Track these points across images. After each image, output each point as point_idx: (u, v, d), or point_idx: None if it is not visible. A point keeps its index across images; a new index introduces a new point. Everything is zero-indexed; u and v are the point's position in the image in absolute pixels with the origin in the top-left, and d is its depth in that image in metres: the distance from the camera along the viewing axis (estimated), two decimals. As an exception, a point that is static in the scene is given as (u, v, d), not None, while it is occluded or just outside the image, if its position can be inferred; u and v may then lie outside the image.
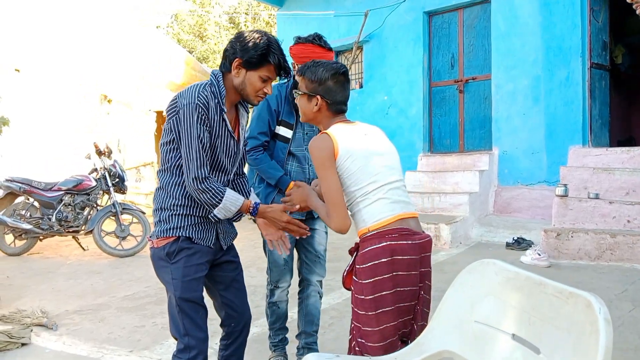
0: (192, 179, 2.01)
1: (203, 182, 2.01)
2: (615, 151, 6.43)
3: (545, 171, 6.98)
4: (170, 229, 2.10)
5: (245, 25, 23.13)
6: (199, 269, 2.13)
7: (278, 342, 3.08)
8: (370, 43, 9.03)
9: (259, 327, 3.84)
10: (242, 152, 2.31)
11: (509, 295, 1.34)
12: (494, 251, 6.09)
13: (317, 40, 2.80)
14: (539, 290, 1.23)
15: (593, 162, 6.43)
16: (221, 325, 2.36)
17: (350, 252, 1.92)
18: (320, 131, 2.06)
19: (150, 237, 2.18)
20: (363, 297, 1.76)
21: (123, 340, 3.67)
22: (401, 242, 1.77)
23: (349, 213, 1.91)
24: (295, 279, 3.14)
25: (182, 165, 2.09)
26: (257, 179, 2.94)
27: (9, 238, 6.76)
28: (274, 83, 2.45)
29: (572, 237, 5.45)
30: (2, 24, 8.08)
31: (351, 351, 1.84)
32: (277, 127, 2.88)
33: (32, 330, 3.78)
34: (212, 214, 2.07)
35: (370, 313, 1.74)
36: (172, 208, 2.12)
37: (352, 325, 1.83)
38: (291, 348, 3.20)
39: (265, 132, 2.86)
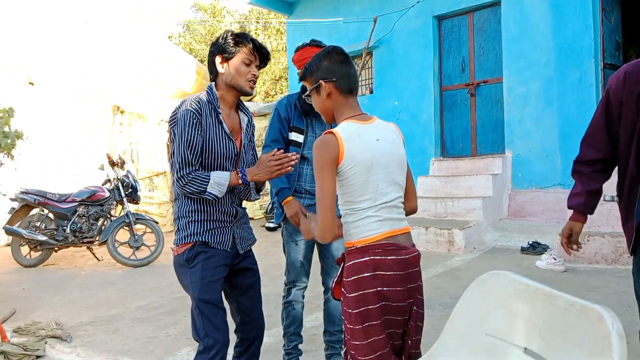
0: (177, 179, 2.14)
1: (185, 178, 2.11)
2: (631, 152, 6.33)
3: (559, 174, 6.89)
4: (187, 235, 2.20)
5: (255, 33, 23.24)
6: (216, 272, 2.20)
7: (291, 350, 3.07)
8: (380, 48, 9.01)
9: (271, 337, 3.82)
10: (247, 157, 2.36)
11: (520, 308, 1.31)
12: (508, 256, 6.02)
13: (313, 42, 3.01)
14: (549, 302, 1.20)
15: (608, 164, 6.33)
16: (235, 331, 2.39)
17: (338, 262, 1.89)
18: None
19: (172, 246, 2.29)
20: (350, 310, 1.74)
21: (137, 352, 3.67)
22: (385, 257, 1.74)
23: None
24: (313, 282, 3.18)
25: None
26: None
27: (25, 250, 6.84)
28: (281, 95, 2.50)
29: (588, 240, 5.36)
30: (13, 35, 8.20)
31: None
32: (290, 133, 2.99)
33: (46, 342, 3.80)
34: (208, 194, 2.14)
35: (357, 327, 1.72)
36: (187, 215, 2.21)
37: (345, 338, 1.80)
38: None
39: (277, 140, 2.97)
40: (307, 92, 1.98)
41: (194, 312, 2.20)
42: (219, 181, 2.13)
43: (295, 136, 2.98)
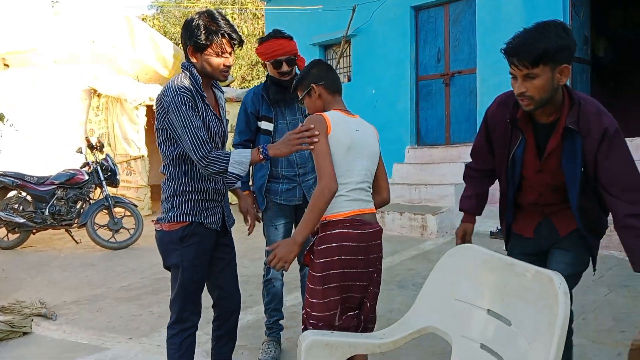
0: (198, 159, 2.12)
1: (208, 157, 2.12)
2: (595, 143, 6.64)
3: (528, 163, 7.18)
4: (183, 214, 2.25)
5: (232, 17, 23.04)
6: (206, 253, 2.32)
7: (272, 325, 3.24)
8: (358, 37, 9.15)
9: (253, 315, 3.99)
10: (226, 131, 2.47)
11: (485, 276, 1.50)
12: (478, 240, 6.24)
13: (278, 34, 3.11)
14: (509, 270, 1.39)
15: (574, 154, 6.63)
16: (213, 306, 2.51)
17: (312, 234, 2.13)
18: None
19: (159, 220, 2.32)
20: (314, 273, 2.05)
21: (122, 328, 3.80)
22: (351, 230, 2.04)
23: None
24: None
25: (184, 155, 2.23)
26: (254, 167, 3.21)
27: (2, 232, 6.83)
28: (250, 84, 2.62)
29: (553, 226, 5.65)
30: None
31: (303, 321, 2.11)
32: (260, 122, 3.15)
33: (32, 320, 3.89)
34: (230, 174, 2.14)
35: (317, 288, 2.03)
36: (184, 194, 2.27)
37: (305, 297, 2.11)
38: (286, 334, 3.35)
39: (243, 131, 3.18)
40: (300, 98, 2.28)
41: (178, 288, 2.27)
42: (239, 159, 2.14)
43: (265, 125, 3.13)
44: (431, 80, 8.45)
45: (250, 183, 3.25)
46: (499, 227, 6.24)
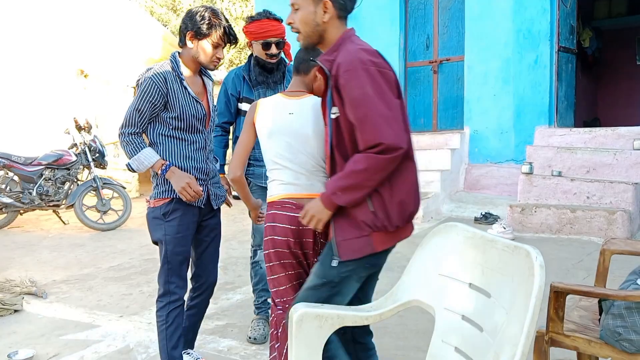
0: (119, 134, 2.39)
1: (125, 136, 2.37)
2: (579, 131, 6.79)
3: (513, 150, 7.32)
4: (165, 190, 2.42)
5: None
6: (189, 227, 2.46)
7: (261, 304, 3.32)
8: (348, 23, 9.14)
9: (242, 294, 4.08)
10: (209, 114, 2.58)
11: (468, 252, 1.59)
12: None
13: (269, 15, 3.08)
14: (490, 246, 1.48)
15: (557, 142, 6.78)
16: (191, 278, 2.69)
17: None
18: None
19: (148, 198, 2.48)
20: (264, 251, 2.22)
21: (112, 307, 3.86)
22: (281, 212, 2.15)
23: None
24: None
25: (163, 134, 2.42)
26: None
27: (-11, 212, 6.81)
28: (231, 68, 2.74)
29: (535, 212, 5.80)
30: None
31: (272, 300, 2.26)
32: (240, 104, 3.16)
33: (23, 298, 3.94)
34: (129, 164, 2.40)
35: (267, 264, 2.22)
36: None
37: None
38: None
39: (222, 113, 3.20)
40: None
41: (163, 261, 2.44)
42: (141, 159, 2.35)
43: (246, 107, 3.12)
44: (420, 67, 8.51)
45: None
46: (483, 213, 6.41)
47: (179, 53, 2.49)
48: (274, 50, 3.07)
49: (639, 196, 5.73)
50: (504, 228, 5.60)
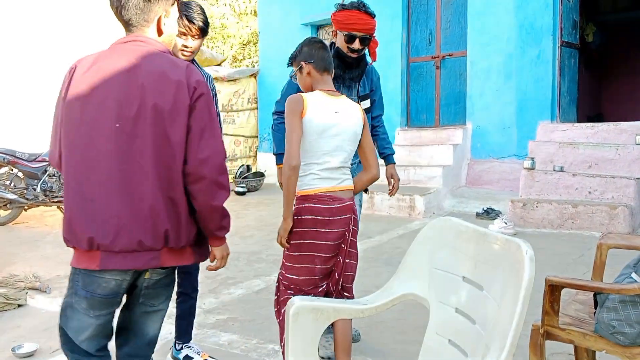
0: None
1: None
2: (581, 126, 6.78)
3: (515, 145, 7.31)
4: None
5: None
6: None
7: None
8: (350, 18, 9.15)
9: (243, 289, 4.11)
10: None
11: (461, 245, 1.60)
12: (465, 220, 6.43)
13: (362, 7, 2.80)
14: (483, 239, 1.50)
15: (560, 137, 6.77)
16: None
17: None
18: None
19: None
20: (291, 241, 2.28)
21: (115, 301, 3.90)
22: (319, 205, 2.24)
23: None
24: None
25: None
26: None
27: (-6, 208, 6.87)
28: None
29: (537, 207, 5.80)
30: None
31: (278, 280, 2.39)
32: None
33: (27, 292, 3.98)
34: None
35: (292, 254, 2.28)
36: None
37: (282, 260, 2.37)
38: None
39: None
40: (292, 73, 2.41)
41: None
42: None
43: None
44: (422, 62, 8.50)
45: None
46: (485, 208, 6.41)
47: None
48: (357, 45, 2.81)
49: (641, 191, 5.72)
50: (506, 223, 5.61)
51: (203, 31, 2.48)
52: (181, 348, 2.81)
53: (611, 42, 9.77)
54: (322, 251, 2.25)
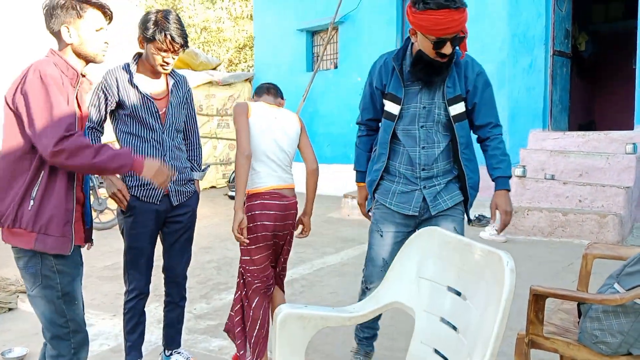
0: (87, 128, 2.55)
1: (85, 129, 2.43)
2: (572, 135, 6.84)
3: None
4: (128, 188, 2.54)
5: (221, -1, 22.83)
6: (146, 224, 2.55)
7: (363, 338, 2.78)
8: (346, 24, 9.22)
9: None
10: (176, 115, 2.64)
11: (446, 255, 1.63)
12: (456, 227, 6.47)
13: (452, 4, 2.12)
14: (467, 250, 1.53)
15: (551, 145, 6.83)
16: (162, 270, 2.79)
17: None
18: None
19: None
20: (247, 236, 2.55)
21: (106, 306, 3.90)
22: (269, 201, 2.54)
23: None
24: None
25: (121, 129, 2.59)
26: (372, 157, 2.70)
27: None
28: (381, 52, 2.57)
29: (527, 215, 5.85)
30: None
31: (238, 275, 2.68)
32: (384, 101, 2.48)
33: (18, 296, 3.98)
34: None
35: (248, 247, 2.56)
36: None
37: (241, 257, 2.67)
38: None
39: (366, 108, 2.64)
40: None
41: (123, 254, 2.61)
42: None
43: (389, 106, 2.46)
44: (416, 69, 8.54)
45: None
46: (476, 215, 6.45)
47: (140, 54, 2.61)
48: (447, 49, 2.21)
49: (630, 200, 5.78)
50: (497, 230, 5.64)
51: (184, 47, 2.52)
52: (171, 354, 2.83)
53: (603, 51, 9.86)
54: (275, 240, 2.61)
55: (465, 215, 2.58)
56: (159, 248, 2.69)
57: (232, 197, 9.17)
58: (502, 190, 2.45)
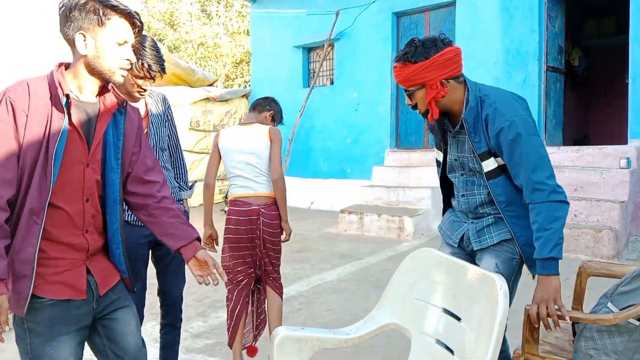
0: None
1: None
2: (566, 150, 6.90)
3: (503, 167, 7.39)
4: None
5: (217, 14, 23.03)
6: (135, 250, 2.47)
7: None
8: (341, 41, 9.31)
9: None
10: (162, 136, 2.65)
11: (441, 277, 1.65)
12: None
13: (397, 57, 2.11)
14: (461, 272, 1.55)
15: (546, 160, 6.86)
16: (157, 294, 2.76)
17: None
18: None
19: None
20: (225, 236, 3.03)
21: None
22: (234, 208, 3.01)
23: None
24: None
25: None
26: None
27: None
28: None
29: (524, 229, 5.86)
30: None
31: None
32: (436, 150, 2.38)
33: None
34: None
35: (223, 255, 3.07)
36: None
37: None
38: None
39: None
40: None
41: None
42: None
43: (437, 153, 2.36)
44: (411, 85, 8.62)
45: None
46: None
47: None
48: (407, 101, 2.15)
49: (625, 214, 5.81)
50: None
51: (161, 73, 2.44)
52: (168, 375, 2.82)
53: (596, 66, 9.97)
54: (244, 243, 2.99)
55: (516, 256, 2.06)
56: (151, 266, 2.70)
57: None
58: (542, 275, 1.94)
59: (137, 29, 1.67)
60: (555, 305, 1.87)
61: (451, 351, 1.52)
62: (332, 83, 9.67)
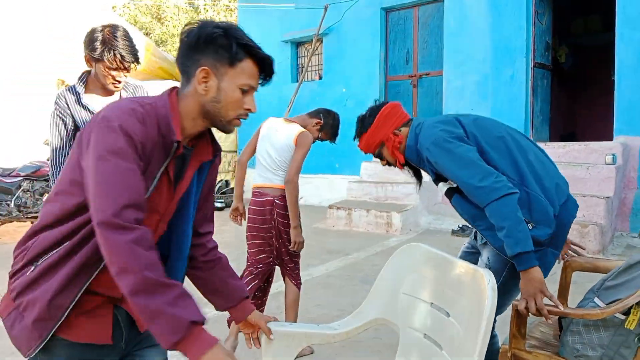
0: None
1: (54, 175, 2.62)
2: (553, 146, 6.95)
3: (490, 163, 7.43)
4: None
5: (205, 8, 22.86)
6: None
7: None
8: (330, 36, 9.28)
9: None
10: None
11: (430, 272, 1.65)
12: (440, 237, 6.52)
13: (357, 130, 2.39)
14: (451, 267, 1.55)
15: (533, 156, 6.91)
16: None
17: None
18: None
19: None
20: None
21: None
22: (253, 198, 3.17)
23: None
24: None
25: None
26: None
27: (-35, 223, 6.73)
28: None
29: (511, 225, 5.90)
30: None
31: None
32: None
33: None
34: None
35: (247, 242, 3.19)
36: None
37: None
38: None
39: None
40: None
41: None
42: None
43: (440, 188, 2.38)
44: (400, 80, 8.64)
45: None
46: (460, 225, 6.51)
47: (88, 72, 2.48)
48: (381, 163, 2.42)
49: (610, 210, 5.87)
50: (480, 241, 5.68)
51: (135, 63, 2.41)
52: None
53: (583, 63, 10.05)
54: (260, 232, 3.10)
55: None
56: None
57: (217, 208, 9.13)
58: (521, 271, 1.90)
59: (266, 78, 1.46)
60: (545, 298, 1.89)
61: (439, 346, 1.52)
62: (320, 78, 9.65)
